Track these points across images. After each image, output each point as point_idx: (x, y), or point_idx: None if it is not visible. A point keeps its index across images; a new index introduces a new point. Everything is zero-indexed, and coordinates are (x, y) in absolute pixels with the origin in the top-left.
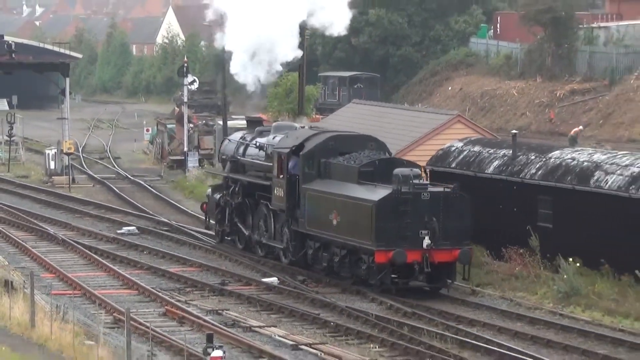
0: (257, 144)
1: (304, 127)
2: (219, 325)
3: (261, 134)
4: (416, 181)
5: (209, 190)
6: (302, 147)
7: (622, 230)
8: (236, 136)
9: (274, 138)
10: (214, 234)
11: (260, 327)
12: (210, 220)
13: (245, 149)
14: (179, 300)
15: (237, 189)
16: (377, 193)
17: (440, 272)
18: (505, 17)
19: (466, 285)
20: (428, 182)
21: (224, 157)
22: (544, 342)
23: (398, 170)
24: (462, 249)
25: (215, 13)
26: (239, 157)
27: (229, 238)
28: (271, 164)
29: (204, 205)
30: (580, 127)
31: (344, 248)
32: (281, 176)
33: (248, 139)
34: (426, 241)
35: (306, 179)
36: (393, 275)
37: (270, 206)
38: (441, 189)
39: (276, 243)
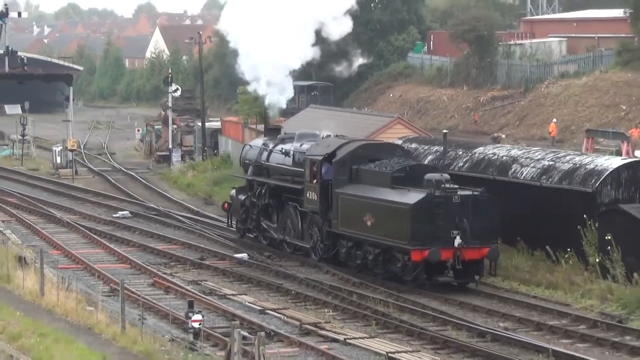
0: (283, 150)
1: (329, 135)
2: (199, 294)
3: (283, 140)
4: (447, 185)
5: (233, 191)
6: (334, 154)
7: (535, 213)
8: (257, 142)
9: (301, 145)
10: (235, 230)
11: (233, 295)
12: (233, 220)
13: (269, 155)
14: (165, 273)
15: (263, 191)
16: (411, 197)
17: (469, 268)
18: (437, 35)
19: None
20: (457, 186)
21: (246, 161)
22: (470, 307)
23: (430, 176)
24: (490, 247)
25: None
26: (262, 162)
27: (253, 235)
28: (299, 169)
29: (225, 205)
30: (503, 136)
31: (377, 247)
32: (314, 181)
33: (270, 145)
34: (457, 240)
35: (338, 184)
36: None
37: (301, 208)
38: (470, 192)
39: (305, 242)
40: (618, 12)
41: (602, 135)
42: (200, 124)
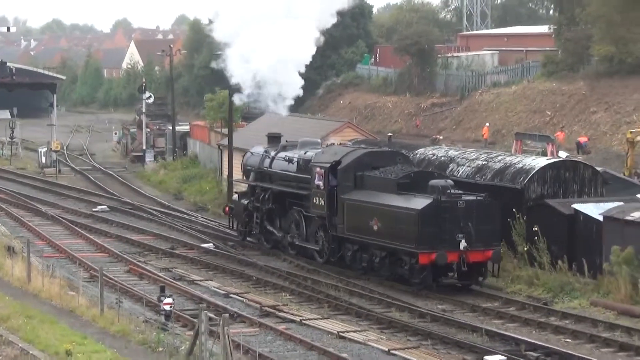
0: (287, 158)
1: (333, 143)
2: (169, 279)
3: (285, 148)
4: (452, 191)
5: (235, 196)
6: (340, 162)
7: None
8: (258, 150)
9: (305, 153)
10: (236, 234)
11: (200, 280)
12: (235, 223)
13: (271, 162)
14: (139, 261)
15: (266, 196)
16: (418, 202)
17: (473, 270)
18: (383, 49)
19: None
20: (462, 192)
21: (248, 167)
22: (412, 291)
23: (435, 182)
24: (494, 250)
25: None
26: (265, 168)
27: (255, 238)
28: (304, 175)
29: (227, 208)
30: (441, 137)
31: (383, 250)
32: (321, 187)
33: (272, 152)
34: (463, 244)
35: (344, 190)
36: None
37: (306, 212)
38: (474, 197)
39: (311, 245)
40: (544, 29)
41: (530, 138)
42: (171, 127)
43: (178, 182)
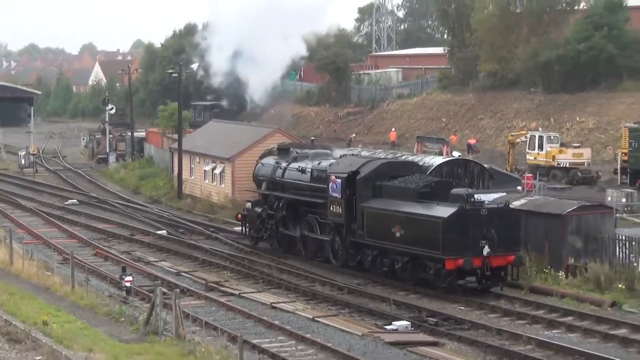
0: (300, 168)
1: (345, 155)
2: (130, 261)
3: (296, 159)
4: (474, 199)
5: (249, 204)
6: (358, 172)
7: None
8: (268, 161)
9: (319, 164)
10: (248, 240)
11: (155, 261)
12: (247, 230)
13: (284, 172)
14: (104, 246)
15: (280, 204)
16: (442, 210)
17: (494, 274)
18: (307, 67)
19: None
20: (484, 200)
21: (260, 178)
22: (332, 270)
23: (456, 190)
24: (516, 255)
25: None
26: (277, 178)
27: (268, 244)
28: (318, 185)
29: (239, 215)
30: (354, 135)
31: (405, 255)
32: (339, 196)
33: (283, 163)
34: (486, 249)
35: (363, 199)
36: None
37: (321, 219)
38: (495, 205)
39: (327, 251)
40: (439, 50)
41: (428, 141)
42: (130, 134)
43: (136, 179)
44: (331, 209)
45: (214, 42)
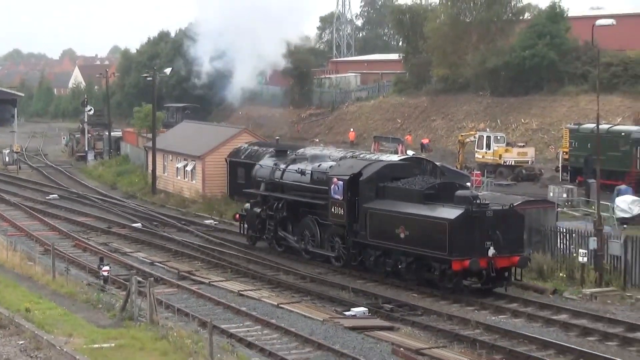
0: (299, 170)
1: (346, 157)
2: (107, 252)
3: (294, 161)
4: (480, 201)
5: (247, 205)
6: (361, 174)
7: None
8: (267, 162)
9: (319, 166)
10: (246, 240)
11: (131, 252)
12: (246, 229)
13: (282, 173)
14: (83, 237)
15: (280, 205)
16: (448, 212)
17: (498, 275)
18: (272, 72)
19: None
20: (488, 202)
21: (259, 179)
22: (295, 259)
23: (461, 193)
24: (521, 256)
25: None
26: (276, 180)
27: (267, 244)
28: (319, 186)
29: (237, 216)
30: (317, 140)
31: (409, 256)
32: (340, 198)
33: (281, 165)
34: (491, 250)
35: (366, 200)
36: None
37: (322, 220)
38: (500, 207)
39: (327, 251)
40: (395, 56)
41: (385, 140)
42: (107, 133)
43: (113, 175)
44: (332, 210)
45: (198, 47)
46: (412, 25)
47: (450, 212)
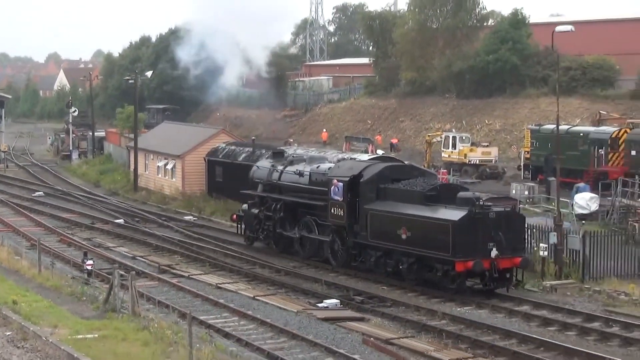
0: (297, 171)
1: (345, 158)
2: (91, 247)
3: (292, 163)
4: (482, 203)
5: (245, 205)
6: (361, 175)
7: None
8: (264, 164)
9: (318, 167)
10: (243, 240)
11: (114, 247)
12: (243, 230)
13: (280, 175)
14: (68, 233)
15: (278, 206)
16: (452, 213)
17: (500, 276)
18: (249, 74)
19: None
20: (491, 203)
21: (256, 180)
22: (271, 253)
23: (465, 194)
24: (523, 257)
25: None
26: (274, 181)
27: (264, 244)
28: (318, 188)
29: (234, 216)
30: (291, 140)
31: (411, 257)
32: (340, 199)
33: (279, 166)
34: (494, 252)
35: (366, 201)
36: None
37: (320, 221)
38: (502, 209)
39: (325, 251)
40: (365, 60)
41: (356, 140)
42: (91, 133)
43: (97, 174)
44: (332, 211)
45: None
46: (382, 30)
47: (453, 214)
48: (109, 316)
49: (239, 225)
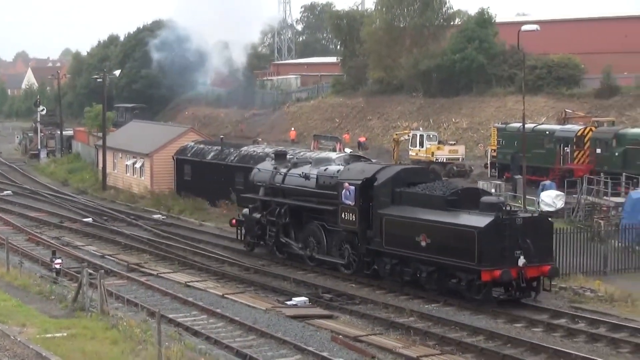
0: (303, 174)
1: (360, 160)
2: (59, 245)
3: (296, 165)
4: (509, 208)
5: (246, 210)
6: (375, 178)
7: None
8: (265, 166)
9: (325, 170)
10: (243, 246)
11: (82, 245)
12: (243, 235)
13: (284, 178)
14: (36, 232)
15: (282, 210)
16: (477, 220)
17: (527, 285)
18: (216, 73)
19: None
20: (517, 209)
21: (258, 183)
22: (241, 252)
23: (488, 199)
24: (552, 265)
25: None
26: (277, 184)
27: (267, 250)
28: (325, 191)
29: (234, 221)
30: (260, 139)
31: (431, 265)
32: (352, 203)
33: (281, 169)
34: (521, 260)
35: (380, 206)
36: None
37: (329, 226)
38: (530, 215)
39: (335, 258)
40: (333, 59)
41: (324, 139)
42: (59, 132)
43: (65, 172)
44: (343, 216)
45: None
46: (349, 30)
47: (478, 220)
48: (78, 315)
49: (239, 231)
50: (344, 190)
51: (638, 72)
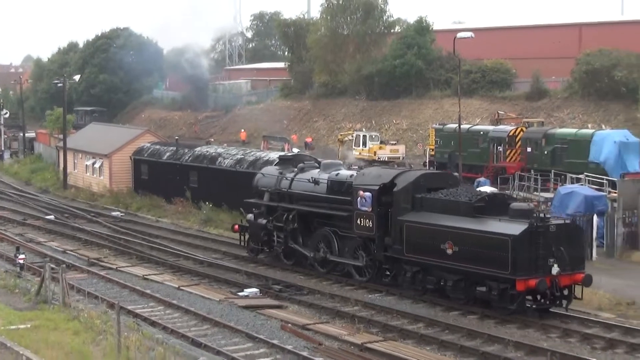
0: (312, 179)
1: (364, 165)
2: (23, 242)
3: (303, 170)
4: (542, 215)
5: (250, 216)
6: (394, 184)
7: (232, 187)
8: (270, 170)
9: (337, 175)
10: (247, 252)
11: (45, 241)
12: (246, 241)
13: (291, 182)
14: (1, 229)
15: (290, 216)
16: (509, 227)
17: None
18: (172, 78)
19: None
20: (550, 216)
21: (263, 188)
22: (193, 246)
23: (518, 205)
24: (586, 274)
25: None
26: (284, 189)
27: (272, 255)
28: (337, 197)
29: (236, 227)
30: (212, 140)
31: (457, 274)
32: (369, 209)
33: (288, 173)
34: (555, 268)
35: (400, 212)
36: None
37: (342, 232)
38: (562, 221)
39: (351, 260)
40: (281, 64)
41: (273, 139)
42: (22, 134)
43: (28, 172)
44: (358, 222)
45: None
46: (296, 37)
47: (511, 227)
48: (41, 307)
49: (242, 237)
50: (359, 196)
51: (565, 76)
